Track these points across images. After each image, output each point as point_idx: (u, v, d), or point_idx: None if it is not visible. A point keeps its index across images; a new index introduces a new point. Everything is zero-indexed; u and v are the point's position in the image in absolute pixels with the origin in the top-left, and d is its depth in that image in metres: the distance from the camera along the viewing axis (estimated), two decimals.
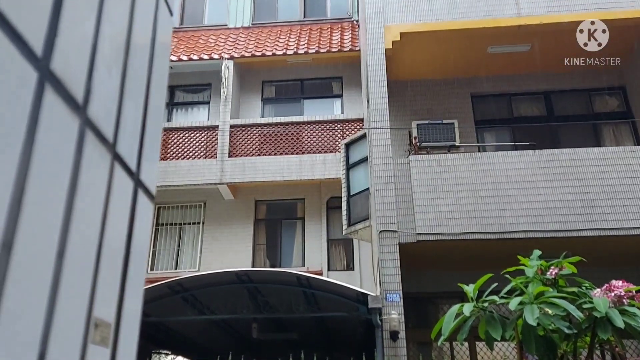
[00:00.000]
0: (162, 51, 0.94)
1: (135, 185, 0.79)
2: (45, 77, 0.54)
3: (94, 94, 0.65)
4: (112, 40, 0.72)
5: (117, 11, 0.73)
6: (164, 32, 0.95)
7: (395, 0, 8.47)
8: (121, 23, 0.75)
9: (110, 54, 0.71)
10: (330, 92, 12.62)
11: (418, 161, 7.59)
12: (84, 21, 0.63)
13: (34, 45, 0.52)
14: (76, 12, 0.61)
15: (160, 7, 0.93)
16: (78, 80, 0.61)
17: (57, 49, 0.56)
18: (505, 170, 7.34)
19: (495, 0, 8.11)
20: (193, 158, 11.01)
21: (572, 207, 7.06)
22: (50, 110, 0.55)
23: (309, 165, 10.79)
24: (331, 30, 13.00)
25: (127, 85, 0.76)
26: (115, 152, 0.72)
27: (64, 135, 0.60)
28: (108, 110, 0.70)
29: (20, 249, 0.50)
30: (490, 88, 9.39)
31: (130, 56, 0.78)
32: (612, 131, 9.05)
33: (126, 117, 0.76)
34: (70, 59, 0.59)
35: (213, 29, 13.43)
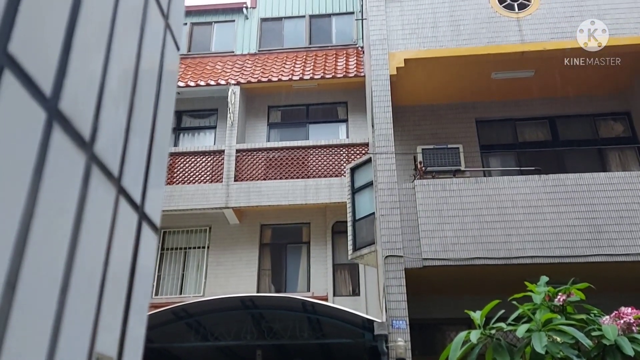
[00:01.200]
0: (168, 84, 0.96)
1: (139, 218, 0.80)
2: (54, 117, 0.56)
3: (100, 131, 0.66)
4: (120, 76, 0.73)
5: (125, 49, 0.75)
6: (171, 66, 0.97)
7: (399, 27, 8.58)
8: (129, 60, 0.77)
9: (117, 90, 0.72)
10: (335, 117, 12.71)
11: (423, 186, 7.59)
12: (93, 60, 0.65)
13: (43, 86, 0.54)
14: (85, 52, 0.62)
15: (167, 42, 0.96)
16: (85, 118, 0.62)
17: (65, 89, 0.58)
18: (511, 195, 7.32)
19: (498, 27, 8.20)
20: (199, 182, 11.06)
21: (579, 233, 7.00)
22: (57, 147, 0.57)
23: (314, 190, 10.80)
24: (336, 56, 13.17)
25: (134, 119, 0.78)
26: (121, 186, 0.73)
27: (71, 171, 0.61)
28: (114, 145, 0.71)
29: (24, 287, 0.51)
30: (494, 113, 9.43)
31: (137, 91, 0.80)
32: (618, 156, 9.03)
33: (132, 151, 0.77)
34: (78, 98, 0.61)
35: (220, 56, 13.64)
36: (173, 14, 0.97)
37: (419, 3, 8.69)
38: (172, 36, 0.97)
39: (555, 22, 8.06)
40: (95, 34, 0.65)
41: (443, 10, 8.54)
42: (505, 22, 8.22)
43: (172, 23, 0.96)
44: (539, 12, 8.18)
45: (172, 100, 1.01)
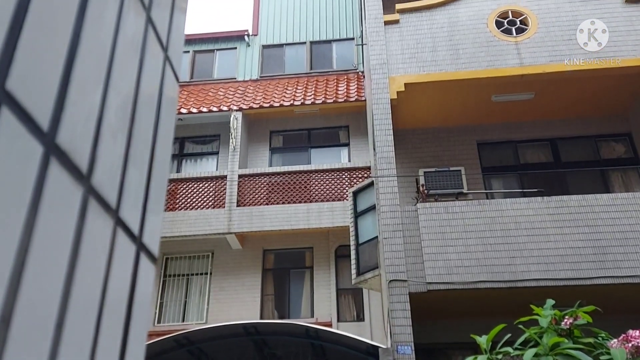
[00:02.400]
0: (167, 115, 0.97)
1: (137, 249, 0.79)
2: (51, 151, 0.56)
3: (98, 163, 0.66)
4: (118, 108, 0.74)
5: (124, 81, 0.76)
6: (170, 97, 0.98)
7: (399, 52, 8.68)
8: (127, 92, 0.77)
9: (116, 122, 0.73)
10: (337, 141, 12.76)
11: (426, 209, 7.57)
12: (91, 93, 0.65)
13: (40, 121, 0.54)
14: (83, 86, 0.63)
15: (166, 73, 0.97)
16: (83, 151, 0.63)
17: (63, 123, 0.58)
18: (514, 217, 7.29)
19: (497, 51, 8.29)
20: (201, 208, 11.05)
21: (583, 255, 6.95)
22: (54, 181, 0.57)
23: (316, 214, 10.78)
24: (337, 81, 13.30)
25: (132, 150, 0.78)
26: (118, 217, 0.73)
27: (67, 204, 0.61)
28: (112, 177, 0.71)
29: (19, 322, 0.51)
30: (496, 135, 9.46)
31: (136, 122, 0.81)
32: (620, 177, 9.02)
33: (130, 182, 0.77)
34: (76, 131, 0.61)
35: (222, 82, 13.79)
36: (172, 45, 0.99)
37: (417, 28, 8.81)
38: (172, 67, 0.99)
39: (554, 45, 8.15)
40: (94, 67, 0.66)
41: (442, 35, 8.65)
42: (504, 45, 8.31)
43: (171, 55, 0.97)
44: (537, 36, 8.27)
45: (172, 130, 1.02)
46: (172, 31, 1.01)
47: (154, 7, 0.90)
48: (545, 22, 8.37)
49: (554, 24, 8.33)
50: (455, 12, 8.77)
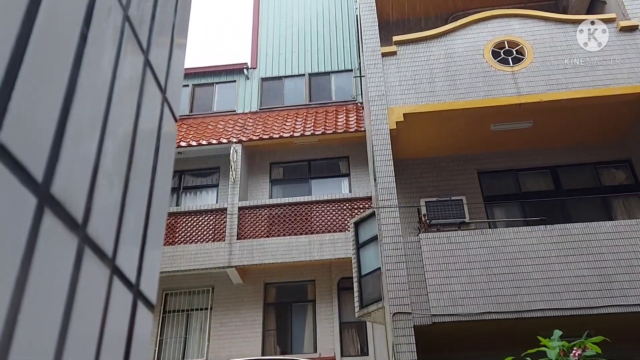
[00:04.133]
0: (165, 156, 0.95)
1: (134, 297, 0.77)
2: (45, 202, 0.54)
3: (94, 211, 0.65)
4: (115, 153, 0.73)
5: (121, 125, 0.75)
6: (168, 138, 0.97)
7: (397, 83, 8.77)
8: (125, 136, 0.76)
9: (112, 167, 0.72)
10: (337, 172, 12.78)
11: (429, 239, 7.51)
12: (87, 140, 0.64)
13: (34, 172, 0.53)
14: (79, 133, 0.62)
15: (164, 115, 0.96)
16: (78, 200, 0.61)
17: (58, 172, 0.57)
18: (518, 246, 7.23)
19: (494, 81, 8.38)
20: (201, 242, 10.98)
21: (589, 283, 6.86)
22: (48, 232, 0.55)
23: (318, 246, 10.70)
24: (336, 112, 13.41)
25: (129, 195, 0.77)
26: (115, 265, 0.71)
27: (62, 255, 0.59)
28: (108, 224, 0.69)
29: None
30: (496, 164, 9.47)
31: (133, 166, 0.79)
32: (622, 204, 8.98)
33: (127, 228, 0.75)
34: (71, 180, 0.60)
35: (222, 115, 13.90)
36: (170, 86, 0.98)
37: (415, 59, 8.93)
38: (170, 108, 0.98)
39: (550, 75, 8.24)
40: (90, 113, 0.64)
41: (439, 65, 8.76)
42: (501, 75, 8.40)
43: (169, 96, 0.97)
44: (533, 65, 8.38)
45: (170, 171, 1.00)
46: (171, 72, 1.00)
47: (152, 48, 0.90)
48: (540, 51, 8.49)
49: (550, 53, 8.44)
50: (451, 43, 8.90)
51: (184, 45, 1.11)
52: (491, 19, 8.98)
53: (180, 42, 1.07)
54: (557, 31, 8.66)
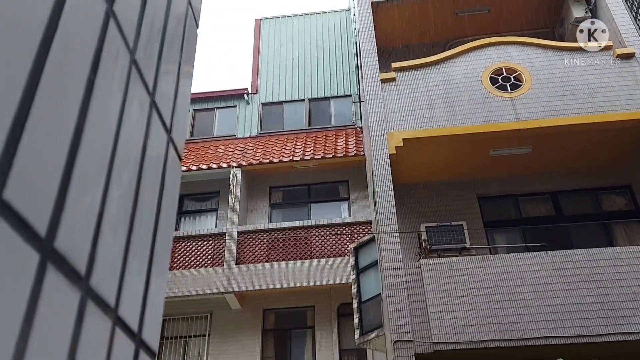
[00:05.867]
0: (170, 197, 0.94)
1: (136, 346, 0.75)
2: (48, 257, 0.53)
3: (97, 262, 0.63)
4: (120, 200, 0.71)
5: (126, 171, 0.73)
6: (173, 179, 0.96)
7: (396, 108, 8.82)
8: (130, 181, 0.75)
9: (117, 215, 0.70)
10: (337, 196, 12.75)
11: (429, 265, 7.45)
12: (92, 189, 0.63)
13: (38, 228, 0.51)
14: (84, 183, 0.60)
15: (169, 155, 0.95)
16: (82, 252, 0.59)
17: (62, 225, 0.55)
18: (519, 272, 7.17)
19: (492, 107, 8.43)
20: (200, 267, 10.89)
21: (592, 311, 6.78)
22: (50, 289, 0.53)
23: (317, 271, 10.61)
24: (336, 136, 13.46)
25: (133, 241, 0.75)
26: (117, 316, 0.69)
27: (64, 309, 0.57)
28: (111, 275, 0.68)
29: None
30: (496, 189, 9.46)
31: (137, 211, 0.78)
32: (623, 230, 8.95)
33: (130, 276, 0.73)
34: (74, 232, 0.58)
35: (222, 140, 13.95)
36: (176, 125, 0.97)
37: (414, 85, 9.00)
38: (175, 148, 0.97)
39: (548, 101, 8.29)
40: (96, 162, 0.63)
41: (438, 91, 8.82)
42: (499, 101, 8.46)
43: (174, 136, 0.96)
44: (531, 92, 8.44)
45: (174, 212, 0.99)
46: (176, 110, 1.00)
47: (158, 89, 0.90)
48: (538, 78, 8.57)
49: (548, 80, 8.52)
50: (449, 69, 8.98)
51: (190, 83, 1.11)
52: (489, 46, 9.09)
53: (186, 80, 1.07)
54: (554, 58, 8.75)
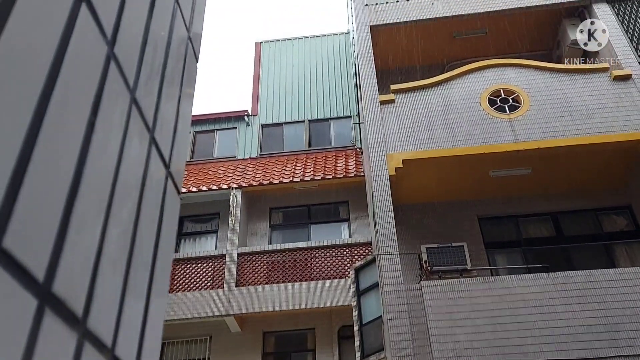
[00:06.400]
0: (168, 231, 0.94)
1: None
2: (45, 302, 0.53)
3: (95, 302, 0.63)
4: (118, 239, 0.72)
5: (125, 208, 0.74)
6: (171, 213, 0.97)
7: (396, 130, 8.87)
8: (129, 218, 0.75)
9: (115, 254, 0.70)
10: (337, 217, 12.73)
11: (430, 287, 7.40)
12: (90, 231, 0.63)
13: (36, 273, 0.51)
14: (83, 226, 0.61)
15: (168, 189, 0.96)
16: (79, 294, 0.60)
17: (60, 269, 0.55)
18: (521, 294, 7.11)
19: (491, 128, 8.47)
20: (200, 289, 10.81)
21: (595, 333, 6.71)
22: (48, 333, 0.53)
23: (318, 293, 10.54)
24: (336, 157, 13.50)
25: (131, 279, 0.75)
26: (114, 355, 0.69)
27: (61, 352, 0.57)
28: (109, 315, 0.68)
29: None
30: (496, 210, 9.45)
31: (136, 246, 0.78)
32: (624, 251, 8.91)
33: (127, 315, 0.74)
34: (73, 275, 0.58)
35: (222, 161, 13.99)
36: (175, 160, 0.98)
37: (412, 107, 9.06)
38: (173, 183, 0.98)
39: (547, 122, 8.34)
40: (95, 203, 0.64)
41: (436, 113, 8.88)
42: (498, 122, 8.50)
43: (173, 170, 0.97)
44: (529, 113, 8.49)
45: (172, 245, 0.99)
46: (175, 145, 1.01)
47: (158, 125, 0.91)
48: (536, 99, 8.63)
49: (545, 101, 8.58)
50: (448, 91, 9.06)
51: (189, 116, 1.12)
52: (486, 68, 9.18)
53: (186, 114, 1.08)
54: (551, 80, 8.82)
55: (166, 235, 0.94)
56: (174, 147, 1.00)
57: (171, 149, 0.98)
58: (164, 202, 0.93)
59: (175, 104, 1.02)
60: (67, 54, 0.60)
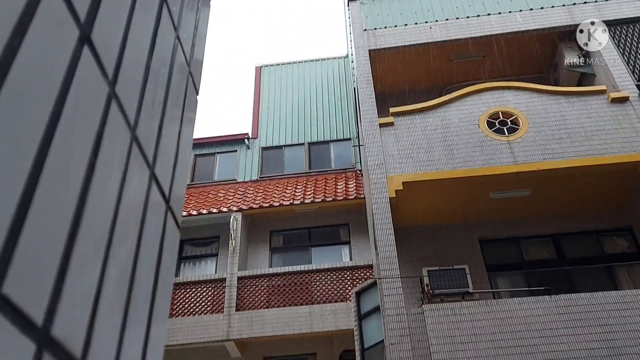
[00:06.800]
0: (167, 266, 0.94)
1: None
2: (44, 346, 0.53)
3: (94, 343, 0.63)
4: (118, 277, 0.72)
5: (124, 246, 0.74)
6: (171, 247, 0.97)
7: (395, 152, 8.90)
8: (127, 257, 0.75)
9: (114, 293, 0.70)
10: (337, 239, 12.68)
11: (432, 310, 7.34)
12: (90, 272, 0.63)
13: (35, 317, 0.51)
14: (82, 267, 0.61)
15: (167, 223, 0.96)
16: (79, 336, 0.59)
17: (59, 312, 0.55)
18: (523, 317, 7.04)
19: (490, 150, 8.51)
20: (199, 314, 10.71)
21: (599, 356, 6.62)
22: None
23: (319, 316, 10.44)
24: (336, 179, 13.51)
25: (130, 316, 0.75)
26: None
27: None
28: (108, 352, 0.67)
29: None
30: (497, 232, 9.43)
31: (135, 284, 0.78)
32: (627, 273, 8.85)
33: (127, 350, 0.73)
34: (72, 317, 0.58)
35: (222, 184, 14.00)
36: (174, 194, 0.99)
37: (412, 129, 9.11)
38: (173, 216, 0.98)
39: (545, 144, 8.37)
40: (94, 244, 0.64)
41: (436, 135, 8.92)
42: (497, 145, 8.54)
43: (173, 204, 0.97)
44: (528, 135, 8.53)
45: (172, 276, 0.99)
46: (175, 178, 1.01)
47: (158, 160, 0.91)
48: (535, 122, 8.68)
49: (544, 124, 8.62)
50: (446, 114, 9.12)
51: (189, 149, 1.13)
52: (484, 91, 9.25)
53: (186, 148, 1.09)
54: (549, 102, 8.89)
55: (166, 268, 0.94)
56: (174, 180, 1.00)
57: (171, 182, 0.98)
58: (164, 236, 0.93)
59: (175, 136, 1.03)
60: (69, 96, 0.61)
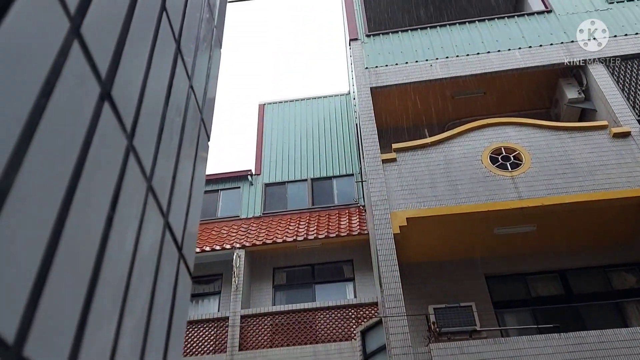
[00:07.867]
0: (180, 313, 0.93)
1: None
2: None
3: None
4: (133, 329, 0.71)
5: (140, 297, 0.74)
6: (183, 294, 0.96)
7: (399, 188, 8.89)
8: (142, 309, 0.75)
9: (129, 345, 0.69)
10: (341, 276, 12.56)
11: (440, 350, 7.18)
12: (106, 328, 0.63)
13: None
14: (99, 323, 0.61)
15: (180, 271, 0.95)
16: None
17: None
18: (533, 356, 6.88)
19: (494, 185, 8.50)
20: (201, 354, 10.51)
21: None
22: None
23: (324, 356, 10.22)
24: (339, 215, 13.48)
25: None
26: None
27: None
28: None
29: None
30: (503, 268, 9.32)
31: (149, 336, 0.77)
32: (636, 308, 8.70)
33: None
34: None
35: (225, 221, 13.98)
36: (187, 242, 0.99)
37: (415, 165, 9.13)
38: (185, 264, 0.98)
39: (549, 179, 8.36)
40: (110, 299, 0.64)
41: (439, 171, 8.93)
42: (501, 180, 8.54)
43: (185, 252, 0.97)
44: (531, 171, 8.54)
45: (184, 322, 0.98)
46: (188, 226, 1.01)
47: (172, 209, 0.92)
48: (537, 157, 8.70)
49: (547, 159, 8.64)
50: (449, 150, 9.15)
51: (201, 195, 1.13)
52: (487, 126, 9.32)
53: (198, 194, 1.09)
54: (552, 138, 8.93)
55: (179, 316, 0.93)
56: (187, 227, 1.01)
57: (184, 230, 0.98)
58: (177, 284, 0.93)
59: (188, 181, 1.04)
60: (90, 152, 0.62)
